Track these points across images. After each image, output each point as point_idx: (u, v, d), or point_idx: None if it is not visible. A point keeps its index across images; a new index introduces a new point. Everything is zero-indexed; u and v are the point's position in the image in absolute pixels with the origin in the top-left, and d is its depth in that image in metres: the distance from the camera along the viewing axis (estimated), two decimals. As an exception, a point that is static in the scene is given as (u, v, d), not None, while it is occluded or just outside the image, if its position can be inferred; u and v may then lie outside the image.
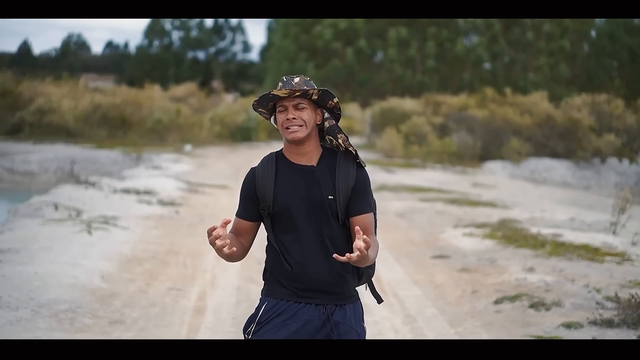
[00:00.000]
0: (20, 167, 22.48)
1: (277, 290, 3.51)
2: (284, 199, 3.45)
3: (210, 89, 47.45)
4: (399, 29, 45.71)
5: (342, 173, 3.47)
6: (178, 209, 13.17)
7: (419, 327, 7.09)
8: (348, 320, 3.48)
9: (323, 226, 3.45)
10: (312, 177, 3.47)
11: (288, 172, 3.48)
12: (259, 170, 3.52)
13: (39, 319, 6.69)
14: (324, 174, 3.47)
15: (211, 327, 6.90)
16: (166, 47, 59.53)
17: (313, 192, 3.45)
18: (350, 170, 3.48)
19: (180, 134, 28.53)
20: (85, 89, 33.21)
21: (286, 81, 3.47)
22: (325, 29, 46.11)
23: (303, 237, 3.45)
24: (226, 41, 62.22)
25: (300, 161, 3.49)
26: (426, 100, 32.45)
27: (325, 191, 3.45)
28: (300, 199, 3.45)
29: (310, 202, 3.44)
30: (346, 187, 3.46)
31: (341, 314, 3.47)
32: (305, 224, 3.45)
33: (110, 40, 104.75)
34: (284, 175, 3.48)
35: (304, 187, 3.46)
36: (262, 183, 3.48)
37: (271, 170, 3.50)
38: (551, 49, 46.47)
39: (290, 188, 3.46)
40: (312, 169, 3.48)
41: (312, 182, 3.46)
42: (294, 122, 3.43)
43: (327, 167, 3.48)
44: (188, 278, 8.64)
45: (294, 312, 3.46)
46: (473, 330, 7.01)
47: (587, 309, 7.38)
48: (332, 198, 3.44)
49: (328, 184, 3.46)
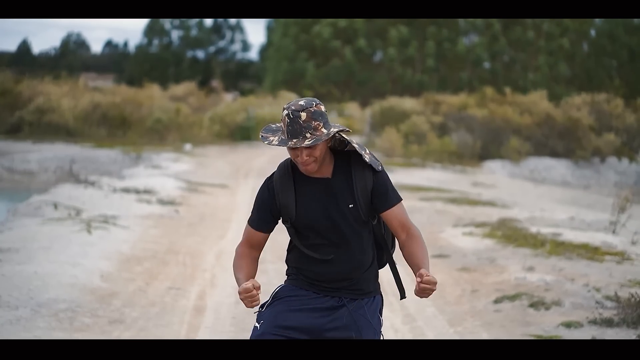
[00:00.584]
0: (20, 166, 22.48)
1: (298, 281, 3.60)
2: (306, 212, 3.51)
3: (210, 88, 47.41)
4: (399, 28, 45.71)
5: (358, 179, 3.51)
6: (178, 208, 13.16)
7: (419, 326, 7.09)
8: (362, 311, 3.56)
9: (346, 235, 3.52)
10: (329, 189, 3.51)
11: (306, 185, 3.52)
12: (277, 184, 3.54)
13: (38, 319, 6.69)
14: (342, 184, 3.51)
15: (211, 326, 6.90)
16: (166, 47, 59.49)
17: (333, 203, 3.50)
18: (366, 173, 3.52)
19: (180, 133, 28.51)
20: (84, 88, 33.19)
21: (293, 118, 3.38)
22: (324, 27, 46.09)
23: (328, 247, 3.53)
24: (225, 40, 62.17)
25: (318, 174, 3.53)
26: (426, 99, 32.44)
27: (345, 201, 3.50)
28: (321, 212, 3.50)
29: (332, 213, 3.50)
30: (365, 191, 3.51)
31: (357, 304, 3.57)
32: (329, 235, 3.52)
33: (110, 40, 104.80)
34: (302, 188, 3.52)
35: (324, 200, 3.51)
36: (282, 197, 3.52)
37: (289, 182, 3.53)
38: (551, 49, 46.47)
39: (311, 202, 3.51)
40: (328, 181, 3.52)
41: (330, 194, 3.51)
42: (307, 160, 3.43)
43: (343, 176, 3.52)
44: (188, 277, 8.64)
45: (311, 298, 3.56)
46: (473, 330, 7.01)
47: (587, 308, 7.38)
48: (353, 206, 3.51)
49: (347, 193, 3.51)
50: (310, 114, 3.38)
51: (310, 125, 3.38)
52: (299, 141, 3.37)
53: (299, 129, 3.38)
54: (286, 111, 3.41)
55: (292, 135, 3.39)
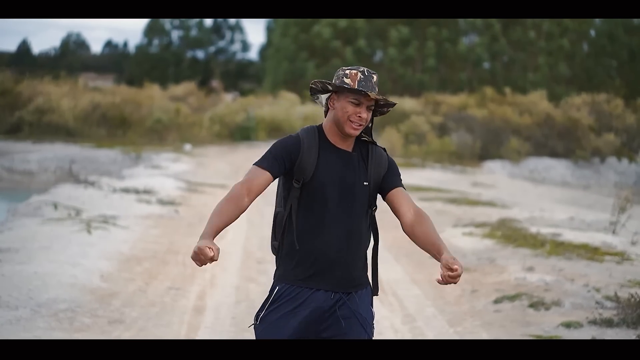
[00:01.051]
0: (20, 166, 22.48)
1: (289, 274, 3.54)
2: (323, 176, 3.52)
3: (210, 88, 47.44)
4: (399, 28, 45.71)
5: (374, 161, 3.60)
6: (177, 209, 13.16)
7: (419, 326, 7.09)
8: (355, 306, 3.54)
9: (351, 211, 3.54)
10: (350, 162, 3.57)
11: (330, 152, 3.56)
12: (305, 140, 3.56)
13: (38, 319, 6.69)
14: (359, 161, 3.59)
15: (210, 326, 6.89)
16: (165, 47, 59.48)
17: (350, 176, 3.55)
18: (383, 159, 3.62)
19: (180, 133, 28.52)
20: (84, 88, 33.21)
21: (368, 75, 3.50)
22: (324, 28, 46.10)
23: (329, 218, 3.52)
24: (225, 40, 62.17)
25: (341, 146, 3.58)
26: (426, 99, 32.47)
27: (360, 177, 3.56)
28: (337, 180, 3.53)
29: (345, 185, 3.53)
30: (378, 174, 3.59)
31: (350, 299, 3.54)
32: (335, 205, 3.52)
33: (110, 40, 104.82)
34: (325, 154, 3.55)
35: (342, 170, 3.55)
36: (307, 154, 3.53)
37: (315, 145, 3.56)
38: (551, 49, 46.47)
39: (330, 168, 3.53)
40: (350, 155, 3.58)
41: (350, 167, 3.56)
42: (362, 120, 3.50)
43: (361, 155, 3.60)
44: (187, 277, 8.64)
45: (304, 299, 3.50)
46: (472, 330, 7.00)
47: (587, 308, 7.38)
48: (367, 184, 3.56)
49: (362, 170, 3.57)
50: (377, 78, 3.53)
51: (377, 88, 3.51)
52: (377, 93, 3.49)
53: (371, 86, 3.50)
54: (361, 68, 3.51)
55: (366, 89, 3.48)
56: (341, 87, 3.50)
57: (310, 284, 3.51)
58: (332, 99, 3.56)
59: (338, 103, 3.53)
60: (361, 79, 3.48)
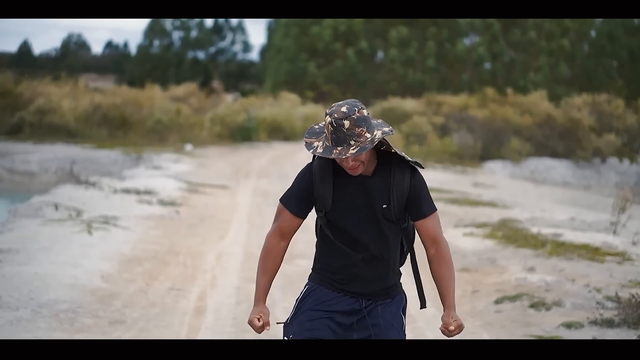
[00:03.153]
0: (21, 167, 22.48)
1: (320, 277, 3.62)
2: (341, 206, 3.51)
3: (211, 89, 47.41)
4: (400, 28, 45.70)
5: (397, 181, 3.52)
6: (178, 209, 13.16)
7: (419, 327, 7.09)
8: (381, 312, 3.59)
9: (374, 234, 3.55)
10: (367, 187, 3.51)
11: (345, 179, 3.51)
12: (317, 172, 3.53)
13: (39, 319, 6.69)
14: (380, 184, 3.52)
15: (211, 327, 6.89)
16: (166, 47, 59.47)
17: (369, 201, 3.51)
18: (405, 178, 3.53)
19: (181, 134, 28.51)
20: (85, 89, 33.20)
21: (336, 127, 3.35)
22: (324, 30, 46.09)
23: (352, 246, 3.54)
24: (226, 41, 62.15)
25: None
26: (427, 100, 32.47)
27: (380, 200, 3.51)
28: (355, 209, 3.51)
29: (367, 211, 3.51)
30: (401, 194, 3.52)
31: (380, 306, 3.60)
32: (358, 232, 3.53)
33: (110, 40, 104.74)
34: (340, 182, 3.52)
35: (360, 198, 3.51)
36: (321, 186, 3.51)
37: (328, 173, 3.52)
38: (551, 49, 46.46)
39: (347, 197, 3.51)
40: (368, 179, 3.52)
41: (367, 193, 3.51)
42: (353, 165, 3.43)
43: (382, 177, 3.52)
44: (188, 278, 8.64)
45: (332, 298, 3.58)
46: (473, 330, 7.00)
47: (588, 308, 7.38)
48: (386, 207, 3.52)
49: (383, 193, 3.51)
50: (353, 121, 3.35)
51: (354, 132, 3.35)
52: (343, 150, 3.35)
53: (342, 137, 3.36)
54: (329, 118, 3.37)
55: (337, 143, 3.36)
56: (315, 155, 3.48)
57: (339, 291, 3.59)
58: None
59: None
60: (331, 131, 3.36)
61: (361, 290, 3.58)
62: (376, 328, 3.56)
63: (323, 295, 3.58)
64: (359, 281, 3.58)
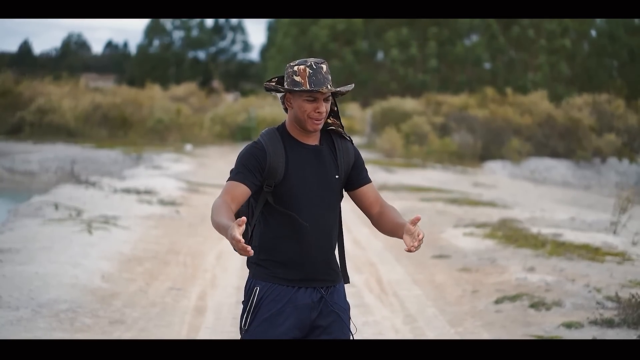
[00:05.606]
0: (21, 166, 22.49)
1: (268, 273, 3.49)
2: (294, 176, 3.47)
3: (211, 88, 47.47)
4: (400, 28, 45.70)
5: (342, 152, 3.56)
6: (178, 209, 13.17)
7: (419, 327, 7.09)
8: (337, 299, 3.53)
9: (328, 206, 3.51)
10: (320, 157, 3.52)
11: (298, 150, 3.50)
12: (268, 145, 3.48)
13: (39, 319, 6.69)
14: (328, 154, 3.54)
15: (211, 327, 6.90)
16: (166, 47, 59.50)
17: (323, 171, 3.51)
18: (349, 148, 3.59)
19: (181, 133, 28.54)
20: (85, 88, 33.26)
21: (316, 68, 3.41)
22: (322, 30, 46.10)
23: (306, 217, 3.46)
24: (226, 41, 62.19)
25: (308, 141, 3.53)
26: (427, 99, 32.47)
27: (332, 171, 3.53)
28: (310, 177, 3.49)
29: (320, 181, 3.50)
30: (347, 165, 3.56)
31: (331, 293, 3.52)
32: (311, 203, 3.47)
33: (111, 40, 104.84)
34: (293, 153, 3.49)
35: (315, 167, 3.50)
36: (274, 159, 3.46)
37: (280, 147, 3.49)
38: (551, 48, 46.45)
39: (301, 166, 3.49)
40: (319, 149, 3.53)
41: (321, 162, 3.52)
42: (322, 114, 3.45)
43: (328, 148, 3.56)
44: (188, 278, 8.64)
45: (288, 298, 3.47)
46: (473, 330, 7.00)
47: (588, 308, 7.38)
48: (338, 177, 3.53)
49: (333, 164, 3.54)
50: (327, 67, 3.45)
51: (329, 77, 3.44)
52: (331, 87, 3.42)
53: (322, 79, 3.42)
54: (308, 62, 3.41)
55: (316, 85, 3.40)
56: (275, 82, 3.48)
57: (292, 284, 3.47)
58: (287, 98, 3.49)
59: (295, 102, 3.47)
60: (310, 74, 3.40)
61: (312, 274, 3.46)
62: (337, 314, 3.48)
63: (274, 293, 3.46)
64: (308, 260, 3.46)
